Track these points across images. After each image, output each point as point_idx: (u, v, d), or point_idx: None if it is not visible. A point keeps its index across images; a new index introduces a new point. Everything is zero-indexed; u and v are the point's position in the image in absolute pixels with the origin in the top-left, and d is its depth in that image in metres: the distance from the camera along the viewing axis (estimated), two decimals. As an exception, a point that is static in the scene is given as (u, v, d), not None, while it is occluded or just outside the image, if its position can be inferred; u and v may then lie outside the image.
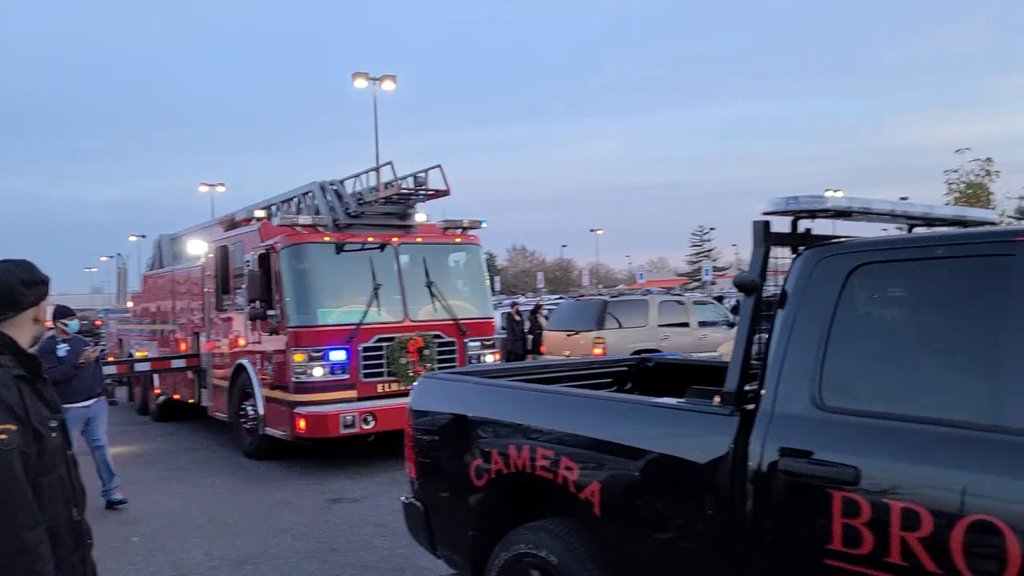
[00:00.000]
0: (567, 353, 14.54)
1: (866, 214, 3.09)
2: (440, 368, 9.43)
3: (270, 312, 9.50)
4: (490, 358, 10.33)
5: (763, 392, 2.78)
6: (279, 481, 8.77)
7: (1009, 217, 34.29)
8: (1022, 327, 2.28)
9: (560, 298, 30.35)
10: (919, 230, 3.33)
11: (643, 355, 5.78)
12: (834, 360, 2.65)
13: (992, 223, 3.47)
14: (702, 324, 15.84)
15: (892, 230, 4.23)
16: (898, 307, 2.80)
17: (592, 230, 77.01)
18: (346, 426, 8.94)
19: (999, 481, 2.18)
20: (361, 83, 30.13)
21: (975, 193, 33.33)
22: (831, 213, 2.98)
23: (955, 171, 34.41)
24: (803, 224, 3.04)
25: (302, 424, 8.99)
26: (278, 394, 9.45)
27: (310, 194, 10.69)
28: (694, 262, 65.08)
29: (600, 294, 21.01)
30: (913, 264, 2.70)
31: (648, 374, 5.34)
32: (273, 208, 11.41)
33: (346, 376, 9.28)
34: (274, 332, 9.48)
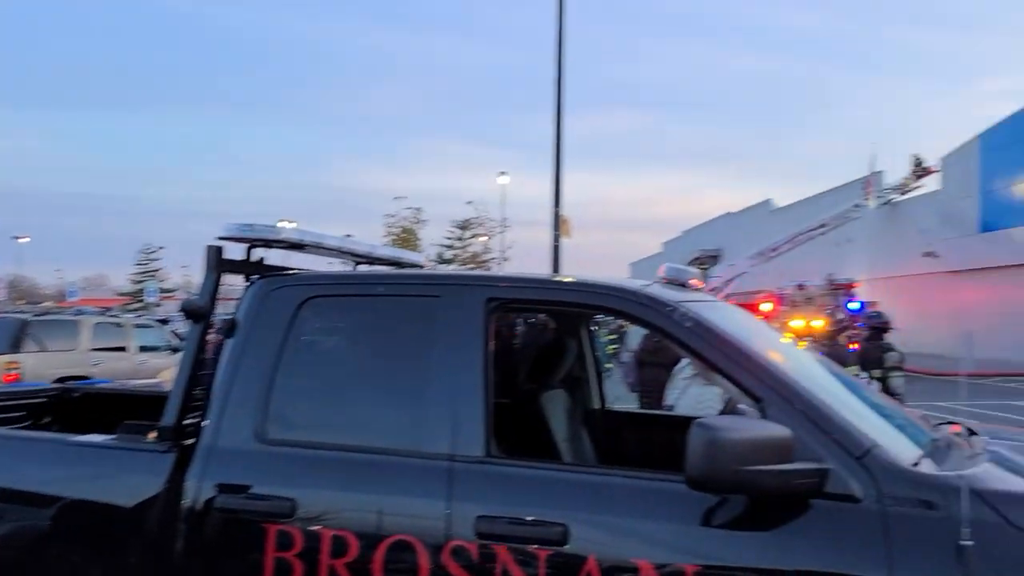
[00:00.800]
0: (-31, 380, 12.22)
1: (318, 248, 3.19)
2: None
3: None
4: None
5: (204, 425, 2.65)
6: None
7: (432, 261, 39.75)
8: (441, 362, 2.57)
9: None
10: (363, 267, 3.57)
11: (68, 383, 5.12)
12: (280, 392, 2.65)
13: (421, 266, 3.92)
14: (143, 349, 14.83)
15: (339, 265, 4.48)
16: (342, 340, 2.94)
17: (16, 237, 66.75)
18: None
19: (415, 502, 2.41)
20: None
21: (408, 237, 37.95)
22: (285, 244, 3.01)
23: (393, 216, 38.78)
24: (257, 253, 3.01)
25: None
26: None
27: None
28: (139, 282, 60.73)
29: (20, 311, 18.19)
30: (357, 300, 2.86)
31: (74, 406, 4.71)
32: None
33: None
34: None
